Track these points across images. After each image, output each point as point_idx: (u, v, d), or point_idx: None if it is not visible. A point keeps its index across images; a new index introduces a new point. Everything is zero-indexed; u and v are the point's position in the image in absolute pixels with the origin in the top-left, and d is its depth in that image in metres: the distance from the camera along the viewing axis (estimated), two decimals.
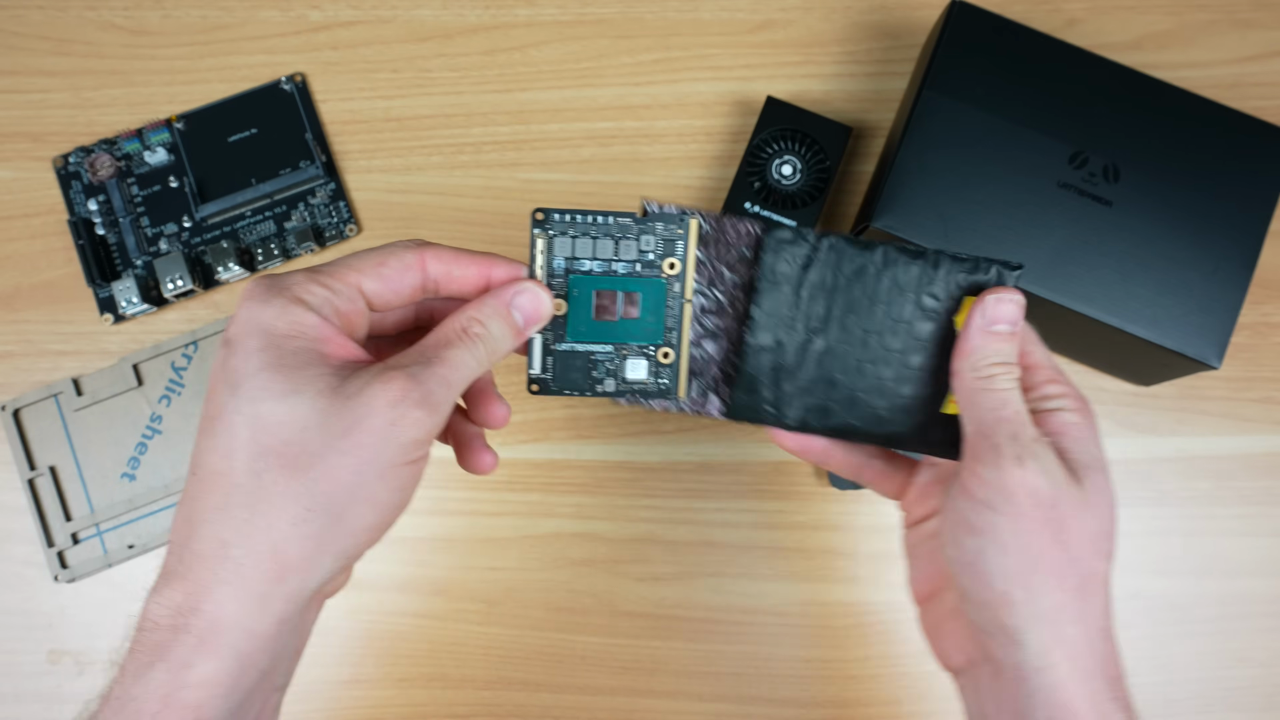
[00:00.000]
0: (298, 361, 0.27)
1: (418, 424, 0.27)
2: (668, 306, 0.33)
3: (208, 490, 0.27)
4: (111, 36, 0.56)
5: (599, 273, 0.33)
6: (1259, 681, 0.50)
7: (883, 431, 0.35)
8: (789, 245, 0.34)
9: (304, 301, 0.28)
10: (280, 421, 0.26)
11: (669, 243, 0.33)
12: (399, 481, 0.28)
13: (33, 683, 0.50)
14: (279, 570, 0.26)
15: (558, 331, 0.33)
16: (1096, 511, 0.31)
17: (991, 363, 0.31)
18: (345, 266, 0.29)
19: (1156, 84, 0.48)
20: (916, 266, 0.34)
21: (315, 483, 0.26)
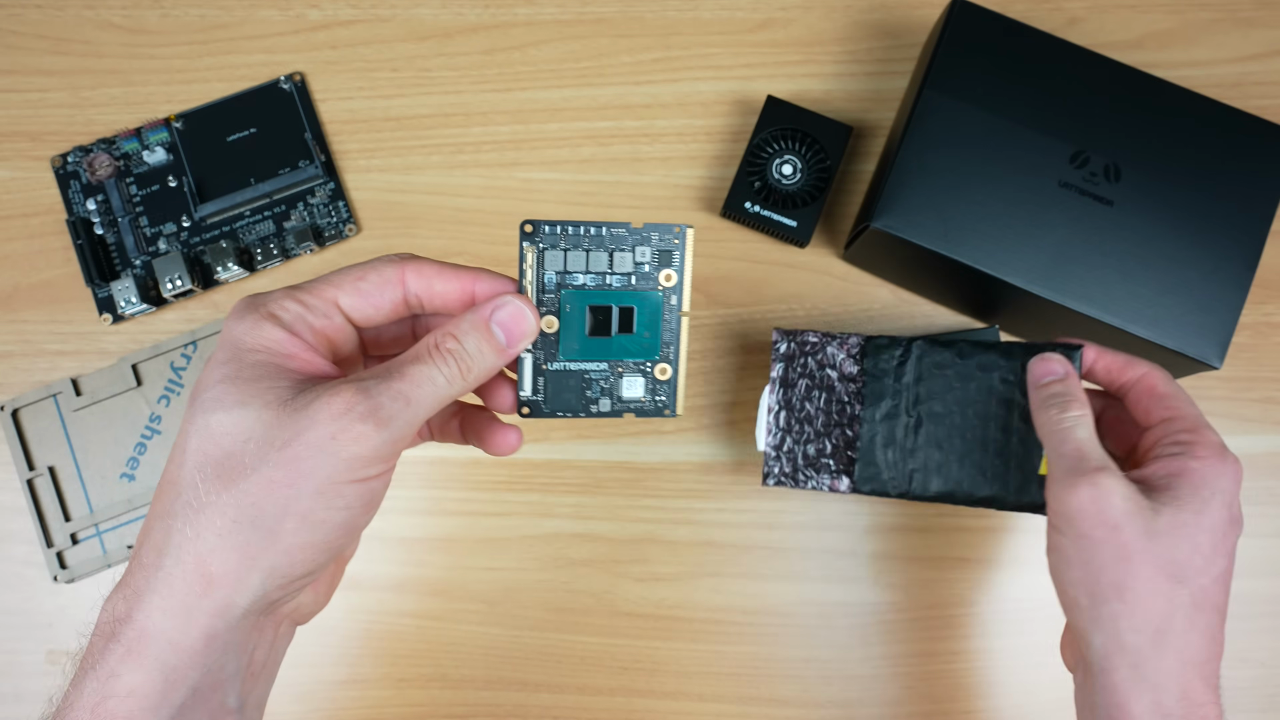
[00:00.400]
0: (255, 374, 0.27)
1: (361, 439, 0.26)
2: (665, 320, 0.32)
3: (159, 497, 0.27)
4: (110, 35, 0.56)
5: (593, 287, 0.31)
6: (1260, 682, 0.50)
7: (983, 495, 0.43)
8: (886, 349, 0.44)
9: (275, 317, 0.28)
10: (225, 432, 0.26)
11: (665, 253, 0.32)
12: (342, 500, 0.26)
13: (32, 683, 0.50)
14: (204, 583, 0.25)
15: (549, 350, 0.32)
16: (1172, 538, 0.33)
17: (1047, 403, 0.37)
18: (324, 282, 0.29)
19: (1158, 83, 0.47)
20: (990, 355, 0.43)
21: (245, 494, 0.25)
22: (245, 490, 0.25)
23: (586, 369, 0.32)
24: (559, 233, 0.31)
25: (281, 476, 0.26)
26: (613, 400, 0.32)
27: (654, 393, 0.33)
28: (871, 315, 0.53)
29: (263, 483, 0.25)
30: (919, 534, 0.51)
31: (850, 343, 0.45)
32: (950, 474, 0.43)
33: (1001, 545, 0.51)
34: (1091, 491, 0.33)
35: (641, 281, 0.32)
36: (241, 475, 0.26)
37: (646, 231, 0.31)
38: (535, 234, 0.31)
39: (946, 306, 0.53)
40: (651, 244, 0.32)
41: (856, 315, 0.53)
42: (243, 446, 0.26)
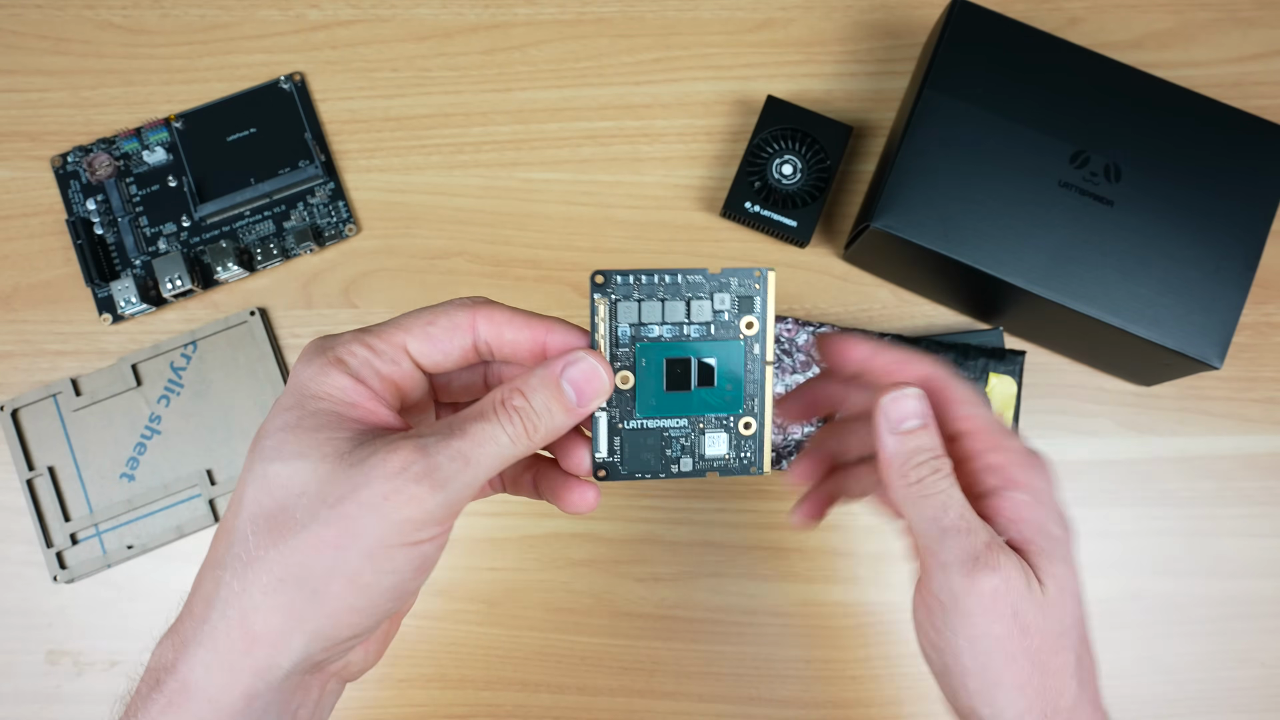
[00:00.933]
0: (316, 423, 0.26)
1: (415, 501, 0.25)
2: (748, 371, 0.30)
3: (215, 543, 0.26)
4: (110, 35, 0.55)
5: (669, 338, 0.29)
6: (1261, 682, 0.50)
7: None
8: None
9: (342, 363, 0.27)
10: (280, 484, 0.25)
11: (745, 299, 0.30)
12: (391, 564, 0.25)
13: (32, 683, 0.50)
14: (247, 640, 0.25)
15: (625, 407, 0.30)
16: (1060, 607, 0.29)
17: (915, 464, 0.29)
18: (394, 326, 0.28)
19: (1158, 83, 0.47)
20: (949, 355, 0.48)
21: (294, 551, 0.25)
22: (294, 547, 0.25)
23: (666, 426, 0.30)
24: (632, 283, 0.29)
25: (331, 535, 0.25)
26: (695, 459, 0.30)
27: (738, 449, 0.31)
28: (872, 316, 0.53)
29: (312, 540, 0.25)
30: None
31: (823, 332, 0.48)
32: None
33: None
34: (994, 581, 0.28)
35: (721, 330, 0.30)
36: (291, 531, 0.25)
37: (725, 277, 0.30)
38: (607, 285, 0.29)
39: (947, 306, 0.53)
40: (731, 290, 0.30)
41: (857, 315, 0.53)
42: (296, 500, 0.25)
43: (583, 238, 0.54)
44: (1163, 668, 0.50)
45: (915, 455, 0.29)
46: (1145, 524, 0.52)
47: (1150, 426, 0.52)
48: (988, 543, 0.28)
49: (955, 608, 0.29)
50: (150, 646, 0.27)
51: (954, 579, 0.28)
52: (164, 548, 0.51)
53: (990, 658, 0.29)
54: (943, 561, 0.29)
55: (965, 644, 0.29)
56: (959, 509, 0.29)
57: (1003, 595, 0.28)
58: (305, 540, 0.25)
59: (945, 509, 0.29)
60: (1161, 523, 0.52)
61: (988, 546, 0.28)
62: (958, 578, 0.28)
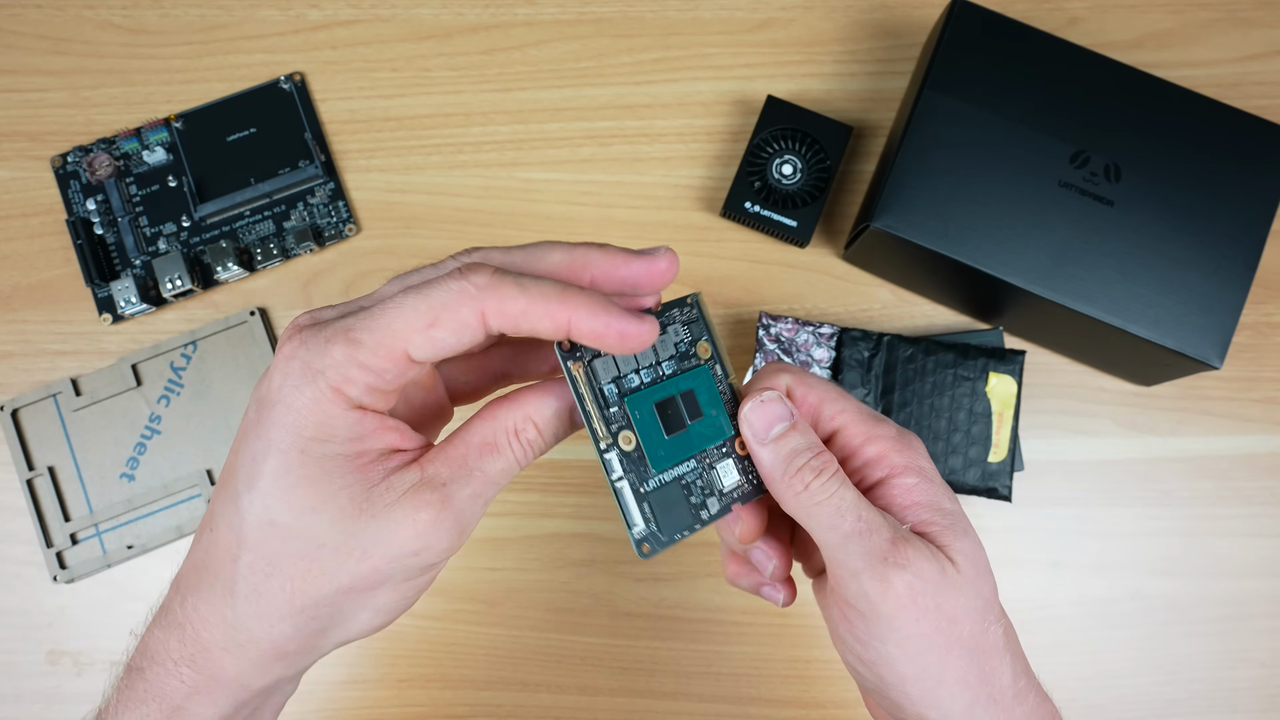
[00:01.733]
0: (322, 473, 0.25)
1: (446, 551, 0.26)
2: (720, 393, 0.30)
3: (217, 562, 0.26)
4: (110, 35, 0.55)
5: (650, 382, 0.29)
6: (1260, 683, 0.50)
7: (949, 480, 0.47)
8: (860, 341, 0.50)
9: (342, 394, 0.25)
10: (295, 535, 0.25)
11: (691, 325, 0.30)
12: (414, 588, 0.27)
13: (32, 683, 0.50)
14: (279, 654, 0.26)
15: (640, 470, 0.29)
16: (976, 583, 0.28)
17: (796, 469, 0.28)
18: (389, 333, 0.25)
19: (1158, 83, 0.47)
20: (948, 354, 0.50)
21: (325, 598, 0.25)
22: (324, 596, 0.25)
23: (680, 474, 0.29)
24: None
25: (362, 584, 0.25)
26: (716, 497, 0.29)
27: (746, 472, 0.30)
28: (872, 315, 0.53)
29: (343, 590, 0.25)
30: None
31: (824, 331, 0.50)
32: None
33: (996, 547, 0.51)
34: (908, 578, 0.27)
35: (685, 362, 0.30)
36: (318, 581, 0.25)
37: (665, 312, 0.29)
38: (574, 349, 0.28)
39: (947, 306, 0.53)
40: (676, 321, 0.30)
41: (857, 315, 0.53)
42: (317, 552, 0.25)
43: (583, 238, 0.54)
44: (1162, 667, 0.50)
45: (793, 460, 0.28)
46: (1145, 524, 0.52)
47: (1150, 426, 0.52)
48: (891, 539, 0.27)
49: (876, 615, 0.27)
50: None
51: (867, 585, 0.27)
52: (164, 548, 0.51)
53: (926, 658, 0.27)
54: (852, 569, 0.27)
55: (896, 651, 0.27)
56: (854, 510, 0.27)
57: (920, 590, 0.27)
58: (336, 589, 0.25)
59: (840, 513, 0.27)
60: (1161, 523, 0.52)
61: (892, 543, 0.27)
62: (870, 582, 0.27)
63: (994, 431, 0.49)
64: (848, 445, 0.30)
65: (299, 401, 0.25)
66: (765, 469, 0.28)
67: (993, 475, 0.49)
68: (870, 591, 0.27)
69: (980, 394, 0.50)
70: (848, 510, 0.27)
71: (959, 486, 0.49)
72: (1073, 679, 0.50)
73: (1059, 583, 0.51)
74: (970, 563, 0.28)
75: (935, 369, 0.50)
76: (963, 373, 0.50)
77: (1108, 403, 0.53)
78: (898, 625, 0.27)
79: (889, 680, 0.28)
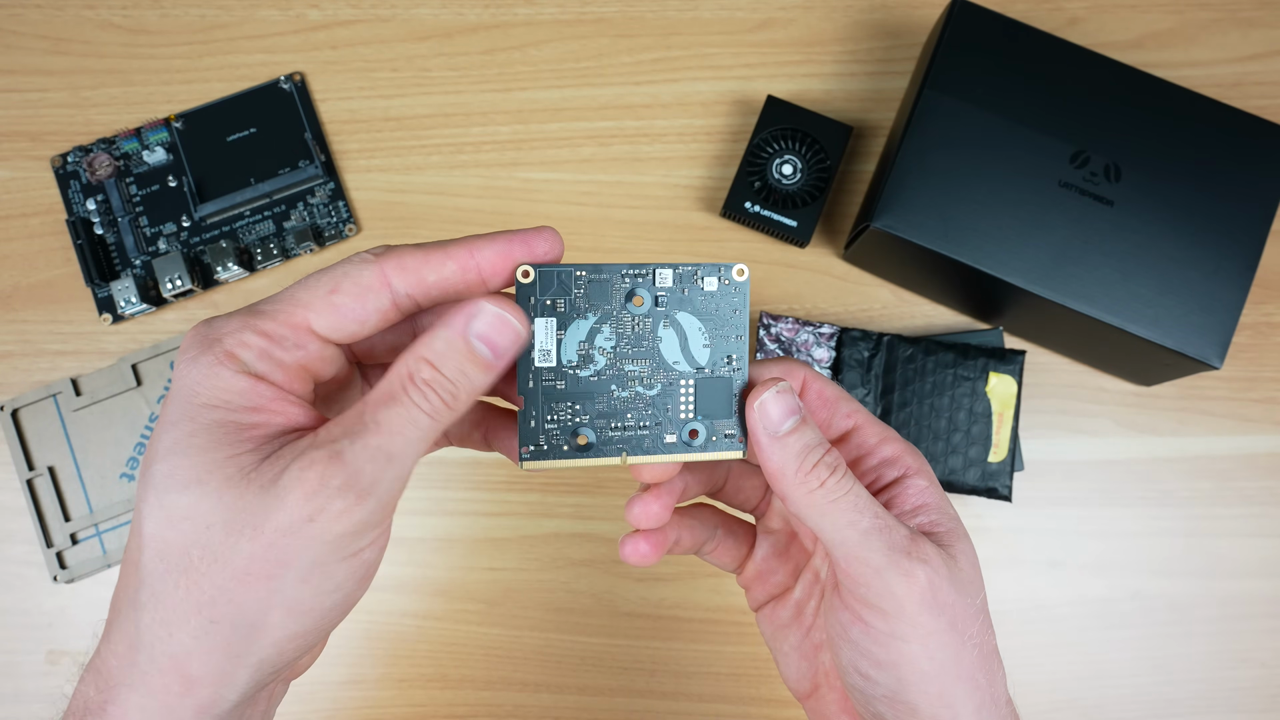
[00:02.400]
0: (211, 440, 0.23)
1: (343, 515, 0.22)
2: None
3: (123, 576, 0.24)
4: (110, 35, 0.55)
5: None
6: (1261, 682, 0.50)
7: (939, 475, 0.47)
8: (860, 341, 0.51)
9: (235, 358, 0.23)
10: (183, 516, 0.22)
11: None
12: (332, 582, 0.23)
13: (32, 683, 0.50)
14: (184, 684, 0.23)
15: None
16: (975, 585, 0.28)
17: (810, 466, 0.26)
18: (290, 301, 0.24)
19: (1158, 83, 0.47)
20: (948, 355, 0.50)
21: (219, 592, 0.22)
22: (218, 587, 0.22)
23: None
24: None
25: (258, 569, 0.22)
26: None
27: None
28: (872, 315, 0.53)
29: (237, 576, 0.22)
30: None
31: (824, 330, 0.50)
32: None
33: (996, 547, 0.51)
34: (929, 571, 0.26)
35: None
36: (210, 569, 0.22)
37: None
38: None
39: (946, 306, 0.53)
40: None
41: (857, 315, 0.53)
42: (206, 534, 0.22)
43: (583, 238, 0.54)
44: (1162, 667, 0.50)
45: (807, 456, 0.26)
46: (1145, 524, 0.52)
47: (1150, 426, 0.52)
48: (909, 535, 0.27)
49: (900, 611, 0.26)
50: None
51: (892, 580, 0.26)
52: None
53: (944, 655, 0.26)
54: (876, 566, 0.26)
55: (919, 649, 0.26)
56: (872, 507, 0.27)
57: (939, 585, 0.26)
58: (228, 578, 0.22)
59: (860, 510, 0.26)
60: (1161, 522, 0.52)
61: (911, 539, 0.27)
62: (895, 578, 0.26)
63: (994, 431, 0.50)
64: (864, 444, 0.29)
65: (192, 374, 0.24)
66: (775, 464, 0.26)
67: (993, 475, 0.49)
68: (895, 587, 0.26)
69: (980, 394, 0.50)
70: (866, 507, 0.26)
71: (959, 486, 0.49)
72: (1072, 678, 0.50)
73: (1059, 582, 0.51)
74: (970, 564, 0.28)
75: (935, 369, 0.50)
76: (963, 373, 0.50)
77: (1108, 403, 0.53)
78: (921, 621, 0.26)
79: (909, 680, 0.26)
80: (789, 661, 0.32)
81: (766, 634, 0.33)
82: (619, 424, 0.26)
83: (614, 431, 0.26)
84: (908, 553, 0.26)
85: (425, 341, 0.24)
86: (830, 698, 0.31)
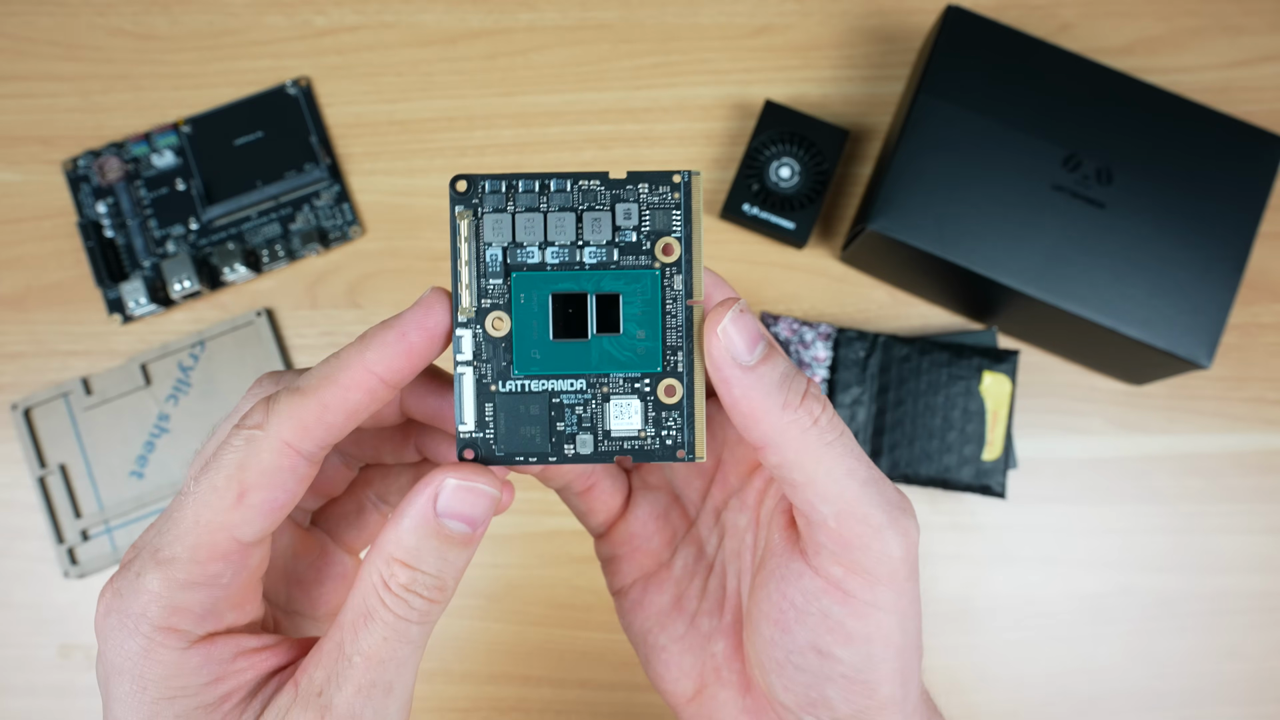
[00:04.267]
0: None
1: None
2: (666, 313, 0.22)
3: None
4: (120, 42, 0.56)
5: (555, 265, 0.22)
6: (1248, 676, 0.51)
7: (927, 475, 0.49)
8: (856, 341, 0.51)
9: (175, 632, 0.20)
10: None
11: (661, 213, 0.22)
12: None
13: (44, 676, 0.51)
14: None
15: (499, 362, 0.22)
16: None
17: (800, 397, 0.21)
18: (196, 527, 0.20)
19: (1148, 88, 0.48)
20: (943, 354, 0.51)
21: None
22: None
23: (556, 389, 0.22)
24: (504, 190, 0.22)
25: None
26: (596, 436, 0.22)
27: (659, 424, 0.22)
28: (869, 316, 0.54)
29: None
30: None
31: (822, 329, 0.52)
32: (902, 456, 0.50)
33: (990, 543, 0.52)
34: (913, 525, 0.23)
35: (627, 256, 0.22)
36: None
37: (631, 183, 0.22)
38: (470, 192, 0.22)
39: (942, 307, 0.54)
40: (639, 200, 0.22)
41: (854, 316, 0.54)
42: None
43: None
44: (1152, 661, 0.51)
45: (791, 384, 0.21)
46: (1136, 520, 0.52)
47: (1141, 425, 0.53)
48: (895, 487, 0.23)
49: (893, 578, 0.22)
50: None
51: (890, 542, 0.22)
52: None
53: (912, 626, 0.23)
54: (875, 525, 0.22)
55: (894, 620, 0.23)
56: (860, 450, 0.22)
57: (915, 538, 0.23)
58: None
59: (858, 456, 0.22)
60: (1151, 519, 0.52)
61: (899, 491, 0.23)
62: (894, 538, 0.22)
63: (988, 430, 0.50)
64: None
65: (129, 664, 0.20)
66: (753, 401, 0.21)
67: (987, 473, 0.50)
68: (893, 548, 0.22)
69: (974, 393, 0.51)
70: (852, 448, 0.22)
71: (954, 483, 0.50)
72: (1064, 673, 0.51)
73: (1051, 578, 0.52)
74: None
75: (930, 368, 0.51)
76: (957, 372, 0.51)
77: (1099, 401, 0.53)
78: (906, 588, 0.23)
79: (878, 655, 0.23)
80: (667, 659, 0.26)
81: (635, 625, 0.27)
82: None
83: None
84: (903, 509, 0.22)
85: (391, 536, 0.21)
86: (724, 696, 0.26)
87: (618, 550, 0.27)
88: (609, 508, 0.27)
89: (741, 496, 0.27)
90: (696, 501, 0.28)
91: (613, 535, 0.27)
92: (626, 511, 0.27)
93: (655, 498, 0.27)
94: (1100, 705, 0.51)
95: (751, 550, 0.26)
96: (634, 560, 0.27)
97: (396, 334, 0.21)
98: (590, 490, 0.26)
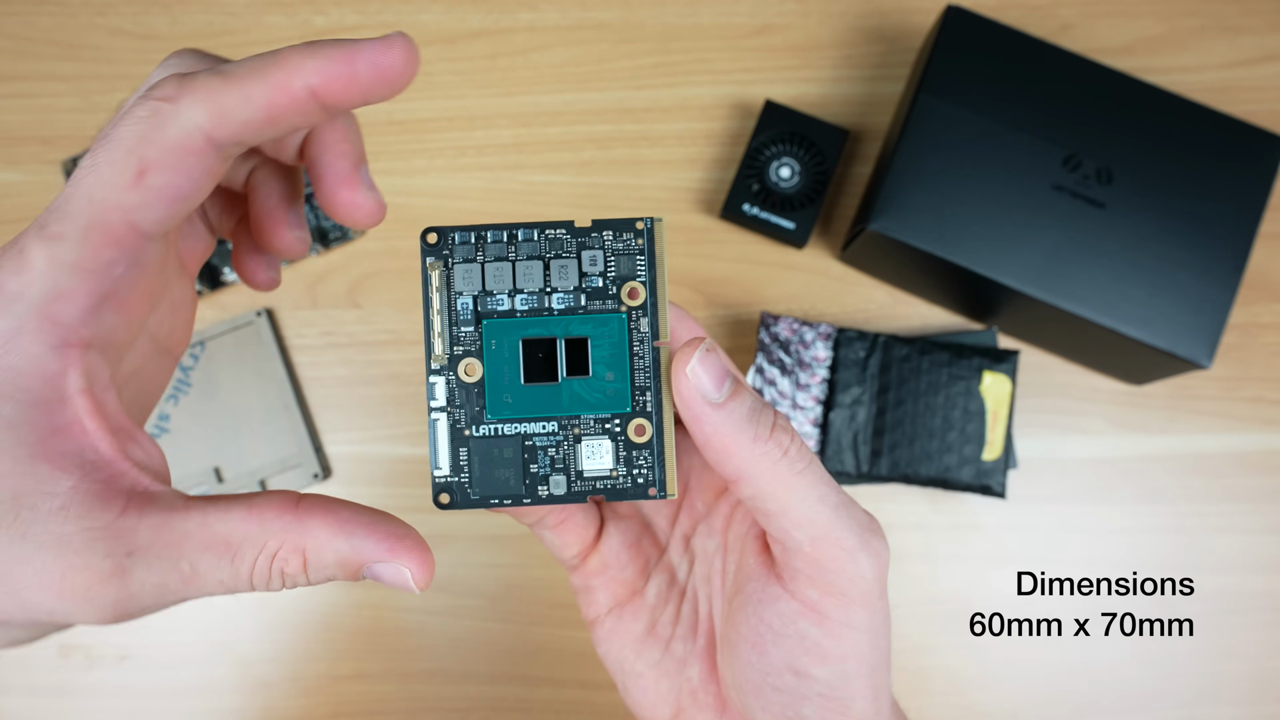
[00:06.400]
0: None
1: (80, 621, 0.19)
2: (634, 354, 0.23)
3: None
4: (120, 42, 0.56)
5: (525, 311, 0.23)
6: (1249, 676, 0.51)
7: (927, 475, 0.50)
8: (856, 341, 0.51)
9: (54, 324, 0.18)
10: None
11: (625, 258, 0.23)
12: (5, 640, 0.20)
13: (44, 676, 0.51)
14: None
15: (473, 408, 0.23)
16: None
17: (770, 430, 0.22)
18: (89, 204, 0.18)
19: (1148, 88, 0.48)
20: (943, 354, 0.51)
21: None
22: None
23: (528, 432, 0.23)
24: (474, 241, 0.23)
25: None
26: (569, 477, 0.23)
27: (630, 462, 0.23)
28: (869, 316, 0.54)
29: None
30: (915, 531, 0.52)
31: (822, 329, 0.51)
32: (902, 456, 0.50)
33: (990, 543, 0.52)
34: (883, 545, 0.23)
35: (594, 301, 0.23)
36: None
37: (596, 230, 0.23)
38: (440, 244, 0.23)
39: (942, 307, 0.54)
40: (605, 246, 0.23)
41: (854, 316, 0.54)
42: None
43: None
44: (1153, 661, 0.51)
45: (759, 418, 0.22)
46: (1136, 520, 0.52)
47: (1141, 425, 0.53)
48: (864, 510, 0.24)
49: (865, 598, 0.23)
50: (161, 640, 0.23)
51: (863, 563, 0.22)
52: None
53: (883, 642, 0.24)
54: (848, 548, 0.22)
55: (867, 638, 0.23)
56: (830, 478, 0.23)
57: (886, 563, 0.23)
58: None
59: (827, 482, 0.23)
60: (1151, 520, 0.52)
61: (868, 514, 0.24)
62: (866, 560, 0.22)
63: (988, 430, 0.50)
64: None
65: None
66: (724, 437, 0.22)
67: (987, 473, 0.50)
68: (865, 569, 0.22)
69: (974, 393, 0.51)
70: (829, 478, 0.23)
71: (954, 483, 0.50)
72: (1064, 673, 0.51)
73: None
74: None
75: (930, 368, 0.51)
76: (957, 372, 0.51)
77: (1100, 401, 0.53)
78: (879, 606, 0.23)
79: (852, 672, 0.23)
80: (644, 685, 0.27)
81: (611, 653, 0.27)
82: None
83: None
84: (873, 530, 0.23)
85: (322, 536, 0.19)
86: (701, 718, 0.26)
87: (591, 580, 0.27)
88: (582, 540, 0.27)
89: (709, 522, 0.27)
90: (666, 529, 0.28)
91: (586, 566, 0.27)
92: (599, 542, 0.27)
93: (627, 527, 0.28)
94: (1100, 705, 0.51)
95: (721, 574, 0.27)
96: (608, 589, 0.27)
97: (346, 53, 0.19)
98: (563, 524, 0.26)
